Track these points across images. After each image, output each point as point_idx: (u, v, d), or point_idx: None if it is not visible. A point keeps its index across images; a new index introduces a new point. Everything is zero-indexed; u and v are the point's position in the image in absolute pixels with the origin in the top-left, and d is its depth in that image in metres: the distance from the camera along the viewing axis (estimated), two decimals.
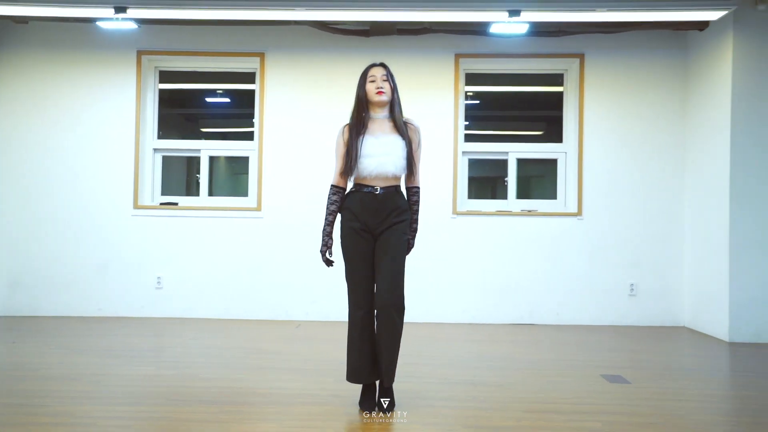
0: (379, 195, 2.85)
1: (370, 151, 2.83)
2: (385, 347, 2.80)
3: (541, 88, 6.10)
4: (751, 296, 4.79)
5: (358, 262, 2.85)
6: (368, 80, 2.94)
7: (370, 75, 2.94)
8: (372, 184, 2.86)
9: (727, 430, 2.76)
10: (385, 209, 2.85)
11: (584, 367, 3.86)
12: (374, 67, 2.98)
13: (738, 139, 4.82)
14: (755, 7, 4.73)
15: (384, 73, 2.94)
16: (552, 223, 5.55)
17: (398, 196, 2.91)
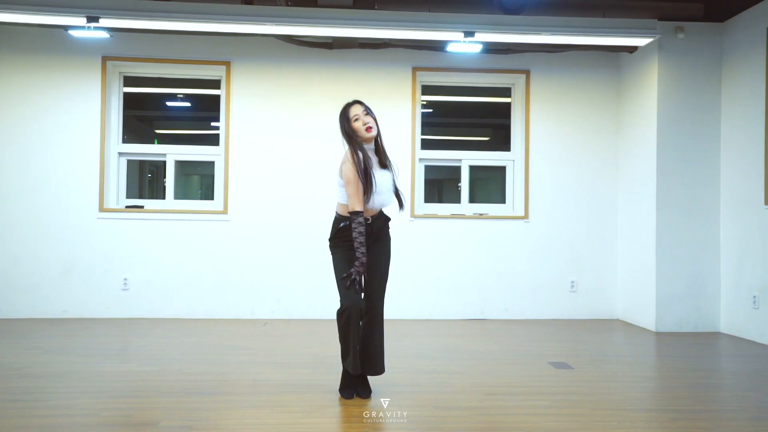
0: (373, 225, 3.17)
1: (381, 189, 3.13)
2: (377, 343, 3.18)
3: (491, 99, 6.57)
4: (674, 291, 5.40)
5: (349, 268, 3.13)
6: (352, 120, 3.14)
7: (352, 114, 3.15)
8: (366, 216, 3.13)
9: (651, 405, 3.26)
10: (376, 233, 3.19)
11: (532, 356, 4.32)
12: (352, 105, 3.19)
13: (663, 150, 5.42)
14: (676, 35, 5.36)
15: (363, 109, 3.17)
16: (501, 226, 6.02)
17: (384, 221, 3.27)
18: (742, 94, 5.19)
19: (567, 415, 2.99)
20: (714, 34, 5.45)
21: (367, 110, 3.20)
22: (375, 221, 3.20)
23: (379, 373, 3.28)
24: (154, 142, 7.49)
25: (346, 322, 3.11)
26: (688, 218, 5.44)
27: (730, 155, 5.35)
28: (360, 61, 5.91)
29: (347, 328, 3.11)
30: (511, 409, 3.08)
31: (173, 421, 2.83)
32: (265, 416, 2.91)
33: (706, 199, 5.45)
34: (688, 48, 5.44)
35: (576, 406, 3.16)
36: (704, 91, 5.46)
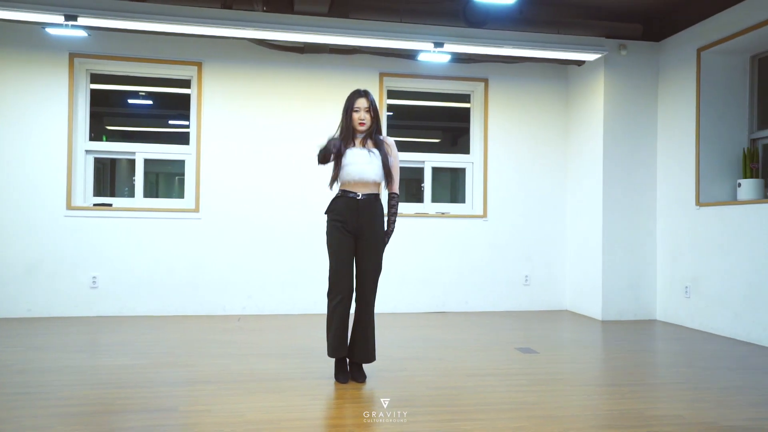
0: (360, 200, 3.44)
1: (353, 160, 3.41)
2: (365, 331, 3.43)
3: (452, 104, 6.97)
4: (617, 284, 5.97)
5: (342, 255, 3.41)
6: (353, 109, 3.47)
7: (355, 105, 3.46)
8: (354, 191, 3.44)
9: (610, 381, 3.71)
10: (365, 213, 3.43)
11: (500, 343, 4.73)
12: (360, 97, 3.48)
13: (608, 156, 5.98)
14: (620, 52, 5.93)
15: (367, 105, 3.47)
16: (461, 224, 6.43)
17: (377, 202, 3.50)
18: (675, 106, 5.81)
19: (544, 391, 3.38)
20: (651, 52, 6.06)
21: (371, 106, 3.48)
22: (365, 197, 3.43)
23: (369, 361, 3.52)
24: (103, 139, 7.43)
25: (334, 308, 3.37)
26: (629, 217, 6.02)
27: (665, 161, 5.96)
28: (330, 66, 6.15)
29: (332, 312, 3.38)
30: (494, 388, 3.45)
31: (190, 406, 3.01)
32: (275, 400, 3.13)
33: (644, 200, 6.05)
34: (630, 64, 6.02)
35: (550, 383, 3.57)
36: (643, 103, 6.06)
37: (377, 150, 3.49)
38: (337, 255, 3.42)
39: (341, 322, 3.42)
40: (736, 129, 5.51)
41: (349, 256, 3.44)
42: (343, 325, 3.44)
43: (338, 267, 3.42)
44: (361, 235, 3.45)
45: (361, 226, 3.44)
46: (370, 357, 3.52)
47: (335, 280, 3.42)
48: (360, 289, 3.46)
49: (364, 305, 3.47)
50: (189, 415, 2.90)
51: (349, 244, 3.45)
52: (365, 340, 3.49)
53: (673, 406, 3.16)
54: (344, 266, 3.42)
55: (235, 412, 2.93)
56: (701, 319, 5.42)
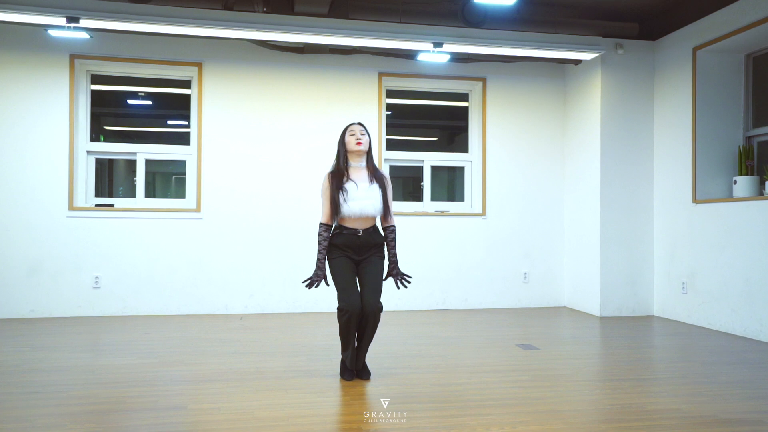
0: (361, 236, 3.48)
1: (354, 196, 3.45)
2: (368, 338, 3.48)
3: (450, 103, 7.02)
4: (615, 281, 6.04)
5: (347, 278, 3.44)
6: (348, 134, 3.56)
7: (350, 130, 3.57)
8: (353, 227, 3.47)
9: (610, 376, 3.77)
10: (366, 246, 3.49)
11: (500, 340, 4.79)
12: (353, 125, 3.61)
13: (606, 154, 6.04)
14: (616, 50, 5.99)
15: (362, 129, 3.58)
16: (460, 222, 6.49)
17: (376, 234, 3.55)
18: (672, 104, 5.88)
19: (546, 387, 3.45)
20: (647, 51, 6.12)
21: (365, 131, 3.60)
22: (364, 232, 3.48)
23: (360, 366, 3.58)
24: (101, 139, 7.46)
25: (346, 323, 3.38)
26: (626, 215, 6.09)
27: (662, 159, 6.03)
28: (329, 66, 6.19)
29: (347, 329, 3.39)
30: (497, 384, 3.51)
31: (199, 405, 3.06)
32: (281, 397, 3.18)
33: (641, 198, 6.12)
34: (626, 62, 6.09)
35: (552, 379, 3.63)
36: (640, 101, 6.13)
37: (377, 183, 3.52)
38: (342, 279, 3.44)
39: (353, 339, 3.46)
40: (731, 127, 5.58)
41: (354, 281, 3.47)
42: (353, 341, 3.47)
43: (345, 290, 3.41)
44: (361, 262, 3.51)
45: (363, 256, 3.50)
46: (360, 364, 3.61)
47: (344, 302, 3.38)
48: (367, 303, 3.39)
49: (374, 318, 3.42)
50: (198, 413, 2.95)
51: (353, 270, 3.49)
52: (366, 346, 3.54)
53: (673, 401, 3.23)
54: (350, 289, 3.42)
55: (244, 409, 2.98)
56: (698, 314, 5.49)
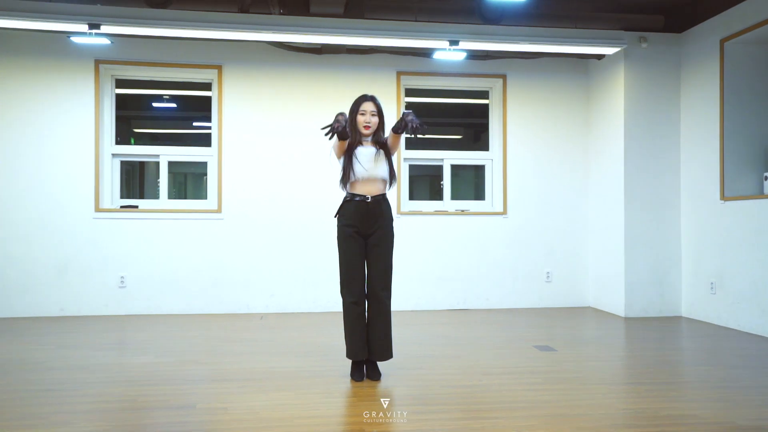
0: (371, 203, 3.49)
1: (360, 159, 3.47)
2: (380, 329, 3.48)
3: (470, 101, 6.96)
4: (640, 280, 5.89)
5: (352, 260, 3.47)
6: (359, 112, 3.54)
7: (361, 108, 3.54)
8: (363, 193, 3.49)
9: (628, 379, 3.68)
10: (374, 214, 3.49)
11: (518, 341, 4.72)
12: (366, 101, 3.56)
13: (630, 150, 5.89)
14: (640, 44, 5.83)
15: (374, 109, 3.55)
16: (481, 221, 6.42)
17: (385, 203, 3.56)
18: (699, 98, 5.70)
19: (558, 390, 3.38)
20: (673, 44, 5.95)
21: (377, 111, 3.56)
22: (374, 200, 3.48)
23: (386, 358, 3.58)
24: (131, 142, 7.63)
25: (347, 308, 3.44)
26: (652, 212, 5.93)
27: (689, 155, 5.85)
28: (347, 66, 6.20)
29: (347, 315, 3.45)
30: (508, 386, 3.46)
31: (208, 404, 3.10)
32: (289, 398, 3.20)
33: (667, 195, 5.95)
34: (650, 56, 5.92)
35: (565, 382, 3.56)
36: (665, 96, 5.96)
37: (381, 149, 3.54)
38: (348, 259, 3.48)
39: (359, 326, 3.48)
40: (761, 121, 5.38)
41: (360, 260, 3.50)
42: (361, 328, 3.49)
43: (350, 271, 3.47)
44: (371, 237, 3.51)
45: (371, 228, 3.50)
46: (386, 355, 3.57)
47: (348, 283, 3.48)
48: (373, 290, 3.51)
49: (379, 305, 3.51)
50: (206, 412, 2.98)
51: (360, 248, 3.50)
52: (382, 339, 3.54)
53: (690, 406, 3.13)
54: (356, 270, 3.48)
55: (250, 409, 3.01)
56: (728, 315, 5.32)
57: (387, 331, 3.55)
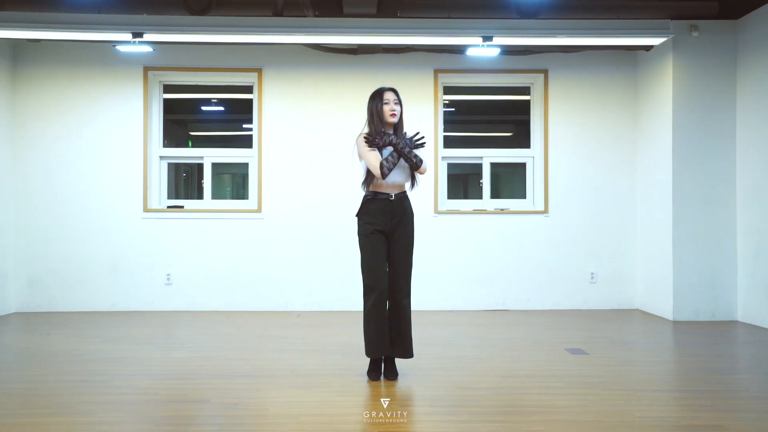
0: (394, 201, 3.48)
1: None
2: (402, 328, 3.46)
3: (512, 97, 6.80)
4: (690, 281, 5.58)
5: (374, 256, 3.45)
6: (383, 102, 3.49)
7: (384, 98, 3.50)
8: (387, 191, 3.48)
9: (658, 386, 3.50)
10: (398, 212, 3.47)
11: (550, 344, 4.58)
12: (387, 91, 3.53)
13: (678, 144, 5.60)
14: (690, 33, 5.52)
15: (396, 97, 3.52)
16: (522, 220, 6.27)
17: (407, 200, 3.55)
18: (756, 90, 5.33)
19: (578, 395, 3.26)
20: (728, 31, 5.59)
21: (398, 100, 3.54)
22: (396, 197, 3.47)
23: (407, 356, 3.55)
24: (188, 144, 7.91)
25: (370, 305, 3.42)
26: (703, 211, 5.60)
27: (745, 150, 5.49)
28: (384, 65, 6.20)
29: (369, 311, 3.43)
30: (526, 390, 3.36)
31: (222, 399, 3.19)
32: (301, 396, 3.24)
33: (722, 193, 5.60)
34: (702, 45, 5.60)
35: (587, 386, 3.42)
36: (719, 88, 5.61)
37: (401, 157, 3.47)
38: (371, 256, 3.47)
39: (381, 321, 3.46)
40: None
41: (382, 257, 3.48)
42: (383, 323, 3.47)
43: (373, 268, 3.45)
44: (393, 234, 3.49)
45: (394, 226, 3.48)
46: (407, 353, 3.55)
47: (370, 280, 3.45)
48: (394, 287, 3.48)
49: (399, 303, 3.50)
50: (217, 407, 3.07)
51: (383, 245, 3.49)
52: (403, 337, 3.52)
53: (719, 416, 2.94)
54: (378, 267, 3.46)
55: (260, 405, 3.07)
56: None
57: (407, 329, 3.52)
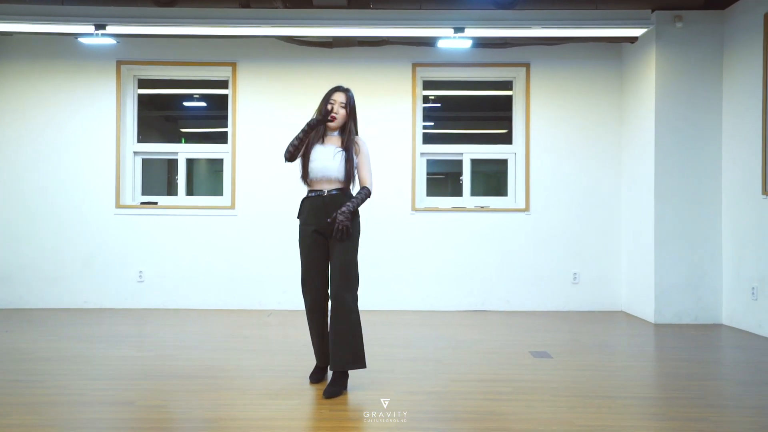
0: (326, 197, 3.30)
1: (316, 156, 3.31)
2: (343, 335, 3.12)
3: (495, 92, 6.61)
4: (673, 283, 5.35)
5: (310, 260, 3.28)
6: (329, 101, 3.34)
7: (331, 98, 3.34)
8: (320, 188, 3.32)
9: (605, 391, 3.30)
10: (332, 209, 3.25)
11: (517, 346, 4.39)
12: (338, 91, 3.36)
13: (661, 140, 5.37)
14: (674, 24, 5.29)
15: (343, 101, 3.33)
16: (502, 218, 6.08)
17: (344, 198, 3.29)
18: (742, 82, 5.10)
19: (522, 401, 3.08)
20: (714, 21, 5.36)
21: (346, 103, 3.33)
22: (329, 194, 3.28)
23: (354, 367, 3.17)
24: (182, 141, 7.84)
25: (308, 311, 3.29)
26: (687, 209, 5.38)
27: (731, 144, 5.26)
28: (360, 59, 6.05)
29: (309, 318, 3.30)
30: (471, 394, 3.20)
31: (149, 401, 3.06)
32: (233, 398, 3.11)
33: (707, 190, 5.38)
34: (687, 36, 5.37)
35: (536, 392, 3.24)
36: (705, 80, 5.38)
37: (345, 150, 3.32)
38: (305, 260, 3.30)
39: (319, 330, 3.32)
40: None
41: (318, 260, 3.28)
42: (321, 333, 3.32)
43: (306, 273, 3.29)
44: (330, 233, 3.30)
45: (330, 225, 3.25)
46: (352, 364, 3.16)
47: (304, 286, 3.30)
48: (333, 290, 3.24)
49: (339, 306, 3.17)
50: (141, 410, 2.94)
51: (319, 248, 3.28)
52: (344, 345, 3.13)
53: (668, 425, 2.74)
54: (312, 272, 3.27)
55: (188, 408, 2.95)
56: None
57: (352, 337, 3.15)
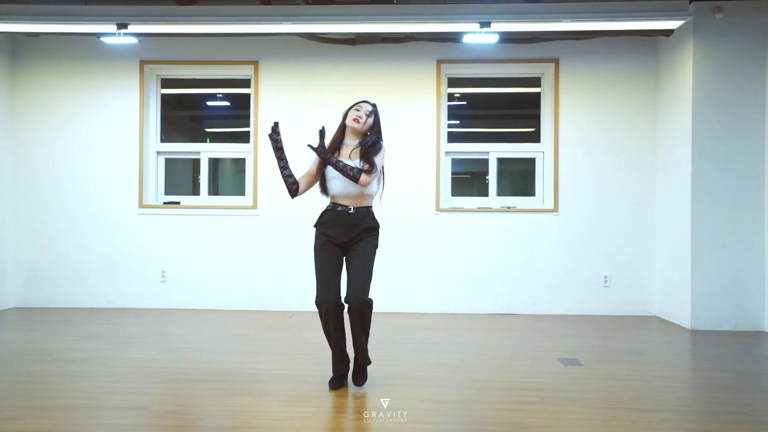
0: (353, 214, 3.19)
1: (335, 174, 3.18)
2: (357, 337, 3.16)
3: (523, 89, 6.41)
4: (710, 287, 5.10)
5: (326, 268, 3.19)
6: (353, 108, 3.26)
7: (356, 105, 3.28)
8: (345, 204, 3.20)
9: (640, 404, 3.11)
10: (357, 227, 3.17)
11: (545, 352, 4.22)
12: (364, 102, 3.30)
13: (698, 138, 5.12)
14: (713, 15, 5.04)
15: (369, 109, 3.25)
16: (530, 219, 5.89)
17: (369, 216, 3.23)
18: None
19: (548, 412, 2.92)
20: (756, 12, 5.09)
21: (372, 113, 3.27)
22: (356, 210, 3.20)
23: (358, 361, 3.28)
24: (207, 141, 7.82)
25: (323, 320, 3.17)
26: (727, 210, 5.11)
27: None
28: (383, 56, 5.93)
29: (325, 327, 3.18)
30: (496, 404, 3.04)
31: (163, 406, 2.99)
32: (250, 404, 3.01)
33: (749, 191, 5.11)
34: (727, 29, 5.11)
35: (567, 403, 3.07)
36: (746, 75, 5.12)
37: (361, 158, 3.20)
38: (322, 269, 3.20)
39: (336, 337, 3.22)
40: None
41: (334, 270, 3.21)
42: (339, 339, 3.22)
43: (323, 282, 3.18)
44: (348, 247, 3.22)
45: (352, 240, 3.19)
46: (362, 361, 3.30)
47: (320, 294, 3.18)
48: (351, 296, 3.14)
49: (357, 311, 3.13)
50: (156, 415, 2.87)
51: (336, 258, 3.21)
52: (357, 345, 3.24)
53: None
54: (330, 281, 3.17)
55: (203, 414, 2.86)
56: None
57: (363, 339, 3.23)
